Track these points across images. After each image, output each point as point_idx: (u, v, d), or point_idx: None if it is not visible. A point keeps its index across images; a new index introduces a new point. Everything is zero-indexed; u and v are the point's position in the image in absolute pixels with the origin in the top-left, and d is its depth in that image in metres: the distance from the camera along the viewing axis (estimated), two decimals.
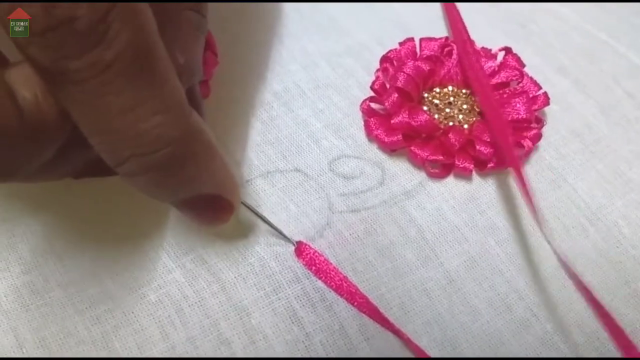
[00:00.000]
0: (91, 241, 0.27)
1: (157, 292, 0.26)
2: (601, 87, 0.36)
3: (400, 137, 0.31)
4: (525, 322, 0.27)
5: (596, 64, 0.38)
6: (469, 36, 0.35)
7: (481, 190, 0.31)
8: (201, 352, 0.25)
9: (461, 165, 0.31)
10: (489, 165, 0.31)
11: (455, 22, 0.37)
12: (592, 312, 0.27)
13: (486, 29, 0.38)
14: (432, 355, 0.26)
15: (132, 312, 0.26)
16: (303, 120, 0.33)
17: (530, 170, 0.32)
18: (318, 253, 0.28)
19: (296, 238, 0.28)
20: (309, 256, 0.28)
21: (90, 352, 0.25)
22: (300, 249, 0.28)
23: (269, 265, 0.27)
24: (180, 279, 0.27)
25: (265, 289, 0.27)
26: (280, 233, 0.28)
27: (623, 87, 0.37)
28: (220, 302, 0.26)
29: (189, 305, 0.26)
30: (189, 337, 0.25)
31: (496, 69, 0.34)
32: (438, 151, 0.31)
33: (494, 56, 0.35)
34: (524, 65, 0.35)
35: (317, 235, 0.29)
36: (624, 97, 0.36)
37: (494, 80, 0.34)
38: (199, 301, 0.26)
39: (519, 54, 0.35)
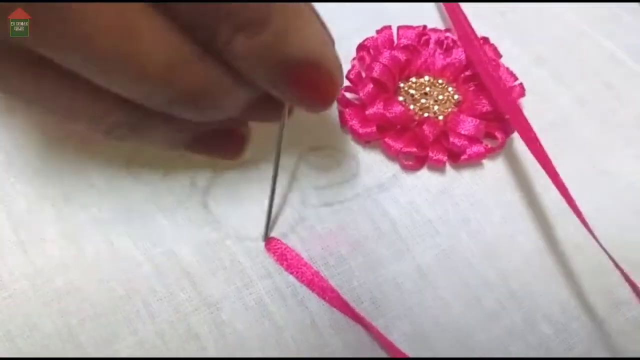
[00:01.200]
0: (57, 231, 0.27)
1: (125, 286, 0.26)
2: (579, 78, 0.36)
3: (374, 128, 0.31)
4: (495, 314, 0.28)
5: (575, 54, 0.38)
6: (469, 24, 0.35)
7: (454, 183, 0.31)
8: (170, 347, 0.25)
9: (435, 157, 0.31)
10: (462, 157, 0.31)
11: (454, 12, 0.36)
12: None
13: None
14: (405, 349, 0.26)
15: (100, 306, 0.25)
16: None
17: (503, 163, 0.32)
18: (289, 248, 0.28)
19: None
20: (279, 251, 0.28)
21: (56, 346, 0.24)
22: (271, 244, 0.28)
23: (239, 261, 0.27)
24: (149, 273, 0.26)
25: (236, 284, 0.27)
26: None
27: (601, 78, 0.36)
28: (189, 297, 0.26)
29: (158, 300, 0.26)
30: (157, 331, 0.25)
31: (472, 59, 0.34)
32: (412, 143, 0.31)
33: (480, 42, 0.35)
34: (500, 56, 0.35)
35: (290, 231, 0.28)
36: (602, 89, 0.36)
37: (468, 72, 0.34)
38: (168, 295, 0.26)
39: (497, 44, 0.35)
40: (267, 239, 0.28)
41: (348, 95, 0.32)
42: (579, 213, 0.27)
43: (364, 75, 0.33)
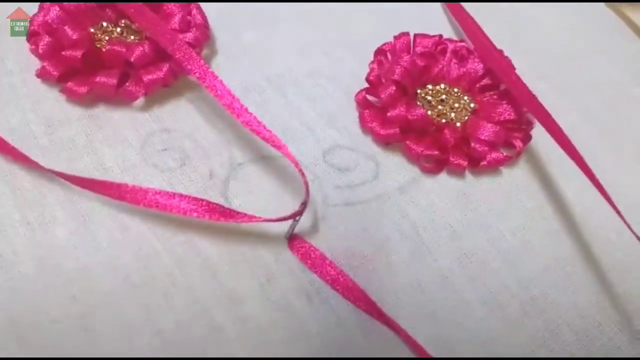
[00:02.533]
0: (66, 212, 0.25)
1: (141, 275, 0.24)
2: (583, 95, 0.37)
3: (397, 130, 0.30)
4: (518, 320, 0.27)
5: (579, 74, 0.38)
6: (485, 34, 0.35)
7: (473, 188, 0.31)
8: (193, 337, 0.23)
9: (455, 162, 0.31)
10: (482, 163, 0.31)
11: (465, 20, 0.36)
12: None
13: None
14: (429, 351, 0.25)
15: (114, 294, 0.24)
16: (296, 107, 0.32)
17: (520, 171, 0.32)
18: (313, 247, 0.27)
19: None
20: (303, 249, 0.26)
21: (67, 332, 0.23)
22: (294, 243, 0.27)
23: (262, 256, 0.26)
24: (168, 263, 0.25)
25: (259, 279, 0.25)
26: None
27: (604, 98, 0.37)
28: (212, 289, 0.25)
29: (178, 291, 0.24)
30: (178, 322, 0.24)
31: (488, 70, 0.34)
32: (433, 146, 0.31)
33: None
34: (514, 68, 0.35)
35: (312, 229, 0.28)
36: (605, 107, 0.37)
37: (484, 82, 0.34)
38: (189, 287, 0.24)
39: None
40: (291, 237, 0.27)
41: (369, 97, 0.32)
42: (614, 207, 0.27)
43: (383, 79, 0.32)
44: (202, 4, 0.33)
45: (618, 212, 0.27)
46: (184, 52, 0.27)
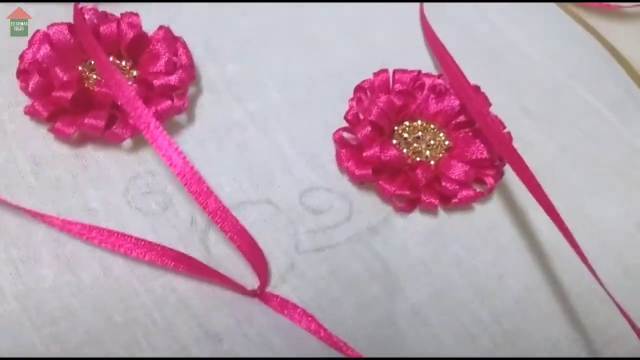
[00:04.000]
0: (51, 253, 0.27)
1: (123, 315, 0.26)
2: (561, 127, 0.38)
3: (369, 171, 0.32)
4: (489, 352, 0.28)
5: (557, 104, 0.40)
6: (460, 71, 0.36)
7: (446, 225, 0.32)
8: None
9: (427, 200, 0.32)
10: (453, 201, 0.32)
11: (443, 55, 0.38)
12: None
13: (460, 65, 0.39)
14: None
15: (96, 333, 0.25)
16: (277, 146, 0.33)
17: (493, 206, 0.34)
18: (283, 300, 0.28)
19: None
20: (274, 305, 0.28)
21: None
22: (267, 298, 0.28)
23: (239, 298, 0.27)
24: (148, 304, 0.26)
25: (237, 318, 0.27)
26: None
27: (581, 128, 0.38)
28: (190, 328, 0.26)
29: (158, 330, 0.26)
30: None
31: (464, 106, 0.35)
32: (405, 185, 0.32)
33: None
34: (490, 104, 0.36)
35: (280, 281, 0.29)
36: (582, 137, 0.38)
37: (459, 119, 0.35)
38: (168, 326, 0.26)
39: (485, 90, 0.36)
40: (260, 294, 0.28)
41: (345, 135, 0.33)
42: (576, 246, 0.28)
43: (361, 116, 0.34)
44: (190, 35, 0.34)
45: (579, 252, 0.28)
46: (130, 102, 0.28)
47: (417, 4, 0.42)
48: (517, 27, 0.44)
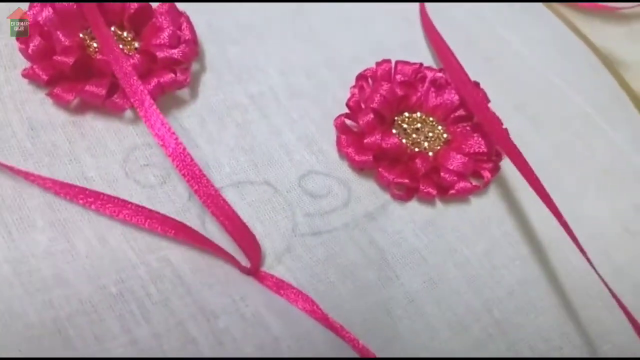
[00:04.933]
0: (46, 219, 0.26)
1: (118, 286, 0.25)
2: (552, 128, 0.39)
3: (370, 157, 0.32)
4: (481, 342, 0.29)
5: (549, 105, 0.40)
6: (461, 66, 0.37)
7: (442, 216, 0.32)
8: (166, 348, 0.24)
9: (425, 190, 0.32)
10: (450, 192, 0.32)
11: (443, 50, 0.38)
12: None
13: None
14: None
15: (90, 302, 0.24)
16: (277, 130, 0.33)
17: (488, 200, 0.34)
18: (277, 279, 0.28)
19: None
20: (272, 282, 0.27)
21: (40, 338, 0.23)
22: (262, 277, 0.28)
23: (233, 277, 0.27)
24: (144, 276, 0.26)
25: (232, 296, 0.26)
26: None
27: (572, 129, 0.39)
28: (185, 303, 0.25)
29: (153, 303, 0.25)
30: (153, 334, 0.24)
31: (463, 101, 0.36)
32: (404, 174, 0.32)
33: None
34: (488, 101, 0.37)
35: (276, 262, 0.28)
36: (573, 139, 0.39)
37: (458, 113, 0.35)
38: (163, 300, 0.25)
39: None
40: (256, 273, 0.28)
41: (347, 121, 0.33)
42: (574, 238, 0.29)
43: (362, 104, 0.34)
44: (193, 14, 0.33)
45: (578, 245, 0.29)
46: (126, 77, 0.28)
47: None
48: (511, 28, 0.45)
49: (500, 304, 0.30)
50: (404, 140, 0.34)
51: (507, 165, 0.35)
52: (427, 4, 0.42)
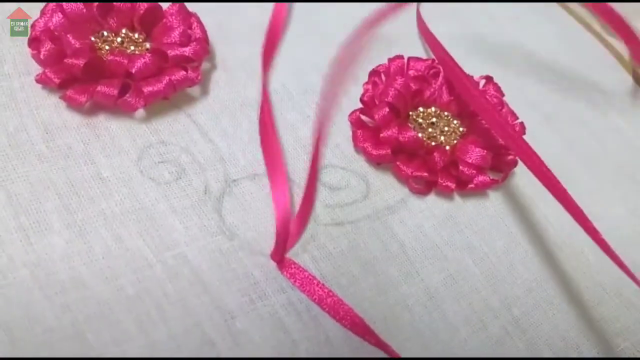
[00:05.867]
0: (62, 221, 0.26)
1: (135, 286, 0.25)
2: (567, 124, 0.38)
3: (389, 151, 0.31)
4: (500, 340, 0.28)
5: (563, 102, 0.40)
6: (463, 72, 0.36)
7: (460, 210, 0.32)
8: (184, 351, 0.24)
9: (443, 184, 0.32)
10: (469, 186, 0.32)
11: (435, 45, 0.37)
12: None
13: (465, 60, 0.39)
14: None
15: (107, 304, 0.24)
16: (290, 125, 0.32)
17: (506, 195, 0.33)
18: (301, 268, 0.27)
19: None
20: (292, 271, 0.27)
21: (59, 342, 0.23)
22: (284, 265, 0.27)
23: (252, 274, 0.26)
24: (161, 275, 0.25)
25: (250, 295, 0.26)
26: None
27: (587, 126, 0.39)
28: (202, 302, 0.25)
29: (170, 303, 0.25)
30: (171, 335, 0.24)
31: None
32: (422, 168, 0.32)
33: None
34: (503, 95, 0.36)
35: (301, 250, 0.28)
36: (588, 136, 0.38)
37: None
38: (181, 299, 0.25)
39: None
40: (280, 259, 0.27)
41: (362, 117, 0.33)
42: (595, 233, 0.28)
43: (376, 100, 0.33)
44: (203, 15, 0.33)
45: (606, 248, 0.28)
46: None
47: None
48: (521, 25, 0.44)
49: (518, 302, 0.29)
50: (420, 135, 0.33)
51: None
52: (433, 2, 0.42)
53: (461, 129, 0.34)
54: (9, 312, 0.23)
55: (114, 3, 0.32)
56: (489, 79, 0.37)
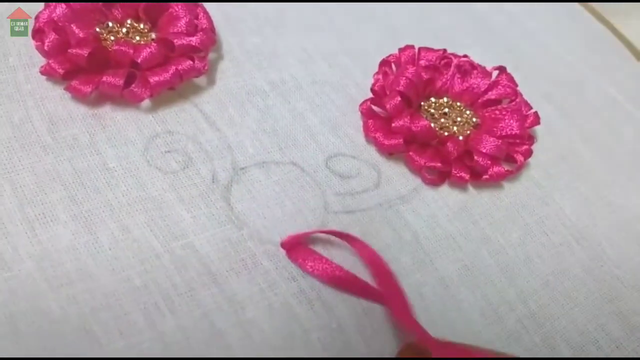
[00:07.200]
0: (68, 212, 0.25)
1: (143, 277, 0.24)
2: (583, 116, 0.37)
3: (401, 140, 0.30)
4: (515, 334, 0.27)
5: (579, 94, 0.39)
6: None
7: (475, 201, 0.31)
8: (193, 342, 0.23)
9: (458, 175, 0.31)
10: (484, 177, 0.31)
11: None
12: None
13: (476, 53, 0.39)
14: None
15: (114, 295, 0.23)
16: (299, 114, 0.32)
17: (520, 186, 0.33)
18: (313, 251, 0.26)
19: None
20: (303, 255, 0.26)
21: (65, 333, 0.22)
22: (294, 251, 0.26)
23: (262, 263, 0.26)
24: (169, 266, 0.25)
25: (260, 285, 0.25)
26: None
27: (602, 118, 0.38)
28: (211, 293, 0.24)
29: (178, 294, 0.24)
30: (179, 326, 0.23)
31: (491, 85, 0.34)
32: (436, 158, 0.31)
33: (489, 74, 0.35)
34: (517, 85, 0.35)
35: (313, 237, 0.27)
36: (603, 127, 0.37)
37: (486, 97, 0.34)
38: (189, 290, 0.24)
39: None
40: (288, 241, 0.27)
41: (373, 107, 0.32)
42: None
43: (387, 90, 0.33)
44: (208, 8, 0.33)
45: None
46: None
47: None
48: (536, 20, 0.44)
49: (535, 295, 0.28)
50: (432, 125, 0.32)
51: (538, 150, 0.34)
52: None
53: (474, 119, 0.33)
54: (15, 304, 0.22)
55: None
56: (502, 69, 0.36)
